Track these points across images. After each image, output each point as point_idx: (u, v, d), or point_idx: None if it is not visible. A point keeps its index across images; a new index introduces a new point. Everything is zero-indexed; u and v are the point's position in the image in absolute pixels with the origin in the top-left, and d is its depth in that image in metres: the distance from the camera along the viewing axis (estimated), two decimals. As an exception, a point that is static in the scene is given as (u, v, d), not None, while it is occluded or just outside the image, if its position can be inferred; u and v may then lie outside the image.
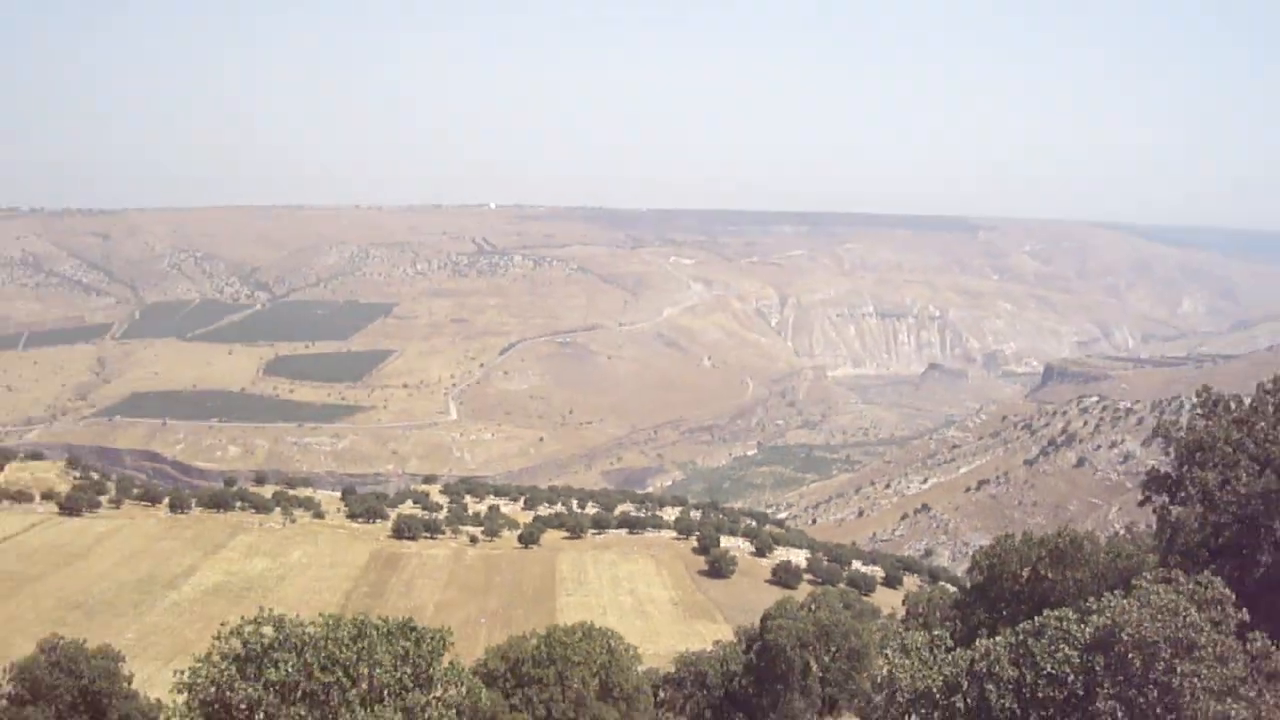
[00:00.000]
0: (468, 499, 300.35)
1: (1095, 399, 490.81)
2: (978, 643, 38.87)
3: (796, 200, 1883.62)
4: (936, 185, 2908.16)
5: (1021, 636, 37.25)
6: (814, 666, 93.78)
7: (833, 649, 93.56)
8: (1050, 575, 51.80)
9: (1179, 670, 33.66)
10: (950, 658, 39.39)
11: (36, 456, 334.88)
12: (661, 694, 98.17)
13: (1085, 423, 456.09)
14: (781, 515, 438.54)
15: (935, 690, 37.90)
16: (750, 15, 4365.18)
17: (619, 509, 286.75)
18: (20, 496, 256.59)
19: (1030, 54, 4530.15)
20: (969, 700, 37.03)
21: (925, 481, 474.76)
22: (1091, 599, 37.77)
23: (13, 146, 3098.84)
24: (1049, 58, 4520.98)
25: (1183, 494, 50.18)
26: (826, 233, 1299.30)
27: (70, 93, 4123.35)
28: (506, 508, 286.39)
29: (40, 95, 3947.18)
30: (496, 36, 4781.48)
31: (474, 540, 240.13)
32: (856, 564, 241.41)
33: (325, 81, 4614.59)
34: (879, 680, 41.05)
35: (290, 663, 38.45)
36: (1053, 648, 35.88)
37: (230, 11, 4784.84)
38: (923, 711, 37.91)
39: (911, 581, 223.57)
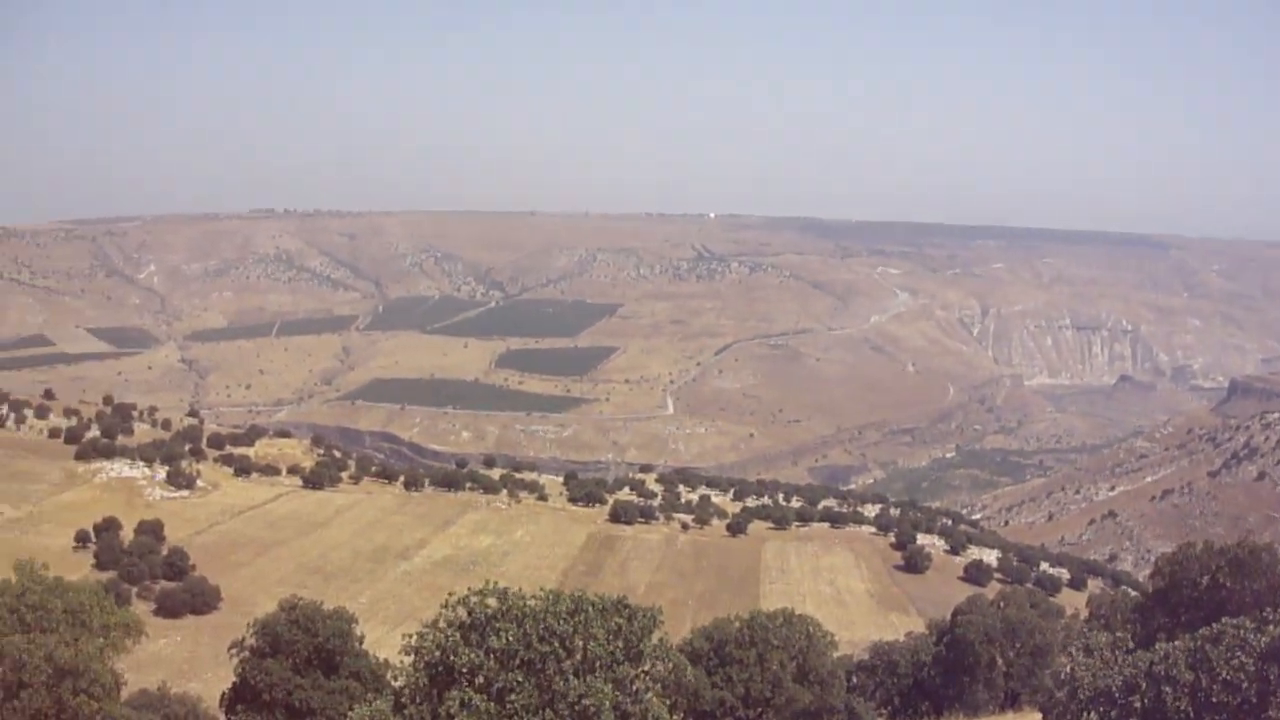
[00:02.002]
0: (681, 488, 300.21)
1: (1277, 415, 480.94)
2: (1157, 646, 38.34)
3: (997, 215, 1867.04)
4: (1130, 204, 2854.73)
5: (1199, 642, 36.67)
6: (999, 661, 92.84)
7: (1018, 645, 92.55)
8: (1229, 584, 50.93)
9: (1354, 683, 33.01)
10: (1130, 659, 38.88)
11: (284, 434, 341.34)
12: (854, 679, 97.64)
13: (1267, 437, 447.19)
14: (975, 516, 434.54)
15: (1114, 689, 37.44)
16: (955, 36, 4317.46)
17: (822, 504, 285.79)
18: (269, 470, 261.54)
19: (1223, 75, 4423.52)
20: (1146, 701, 36.53)
21: (1113, 489, 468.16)
22: (1269, 609, 37.12)
23: (269, 152, 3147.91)
24: (1242, 77, 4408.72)
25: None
26: (1025, 247, 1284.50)
27: (320, 100, 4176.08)
28: (717, 498, 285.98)
29: (294, 104, 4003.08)
30: (717, 54, 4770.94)
31: (685, 527, 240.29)
32: (1044, 565, 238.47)
33: (562, 93, 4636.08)
34: (1061, 677, 40.55)
35: (511, 632, 38.69)
36: (1229, 655, 35.29)
37: (468, 25, 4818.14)
38: (1101, 709, 37.44)
39: (1095, 584, 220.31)
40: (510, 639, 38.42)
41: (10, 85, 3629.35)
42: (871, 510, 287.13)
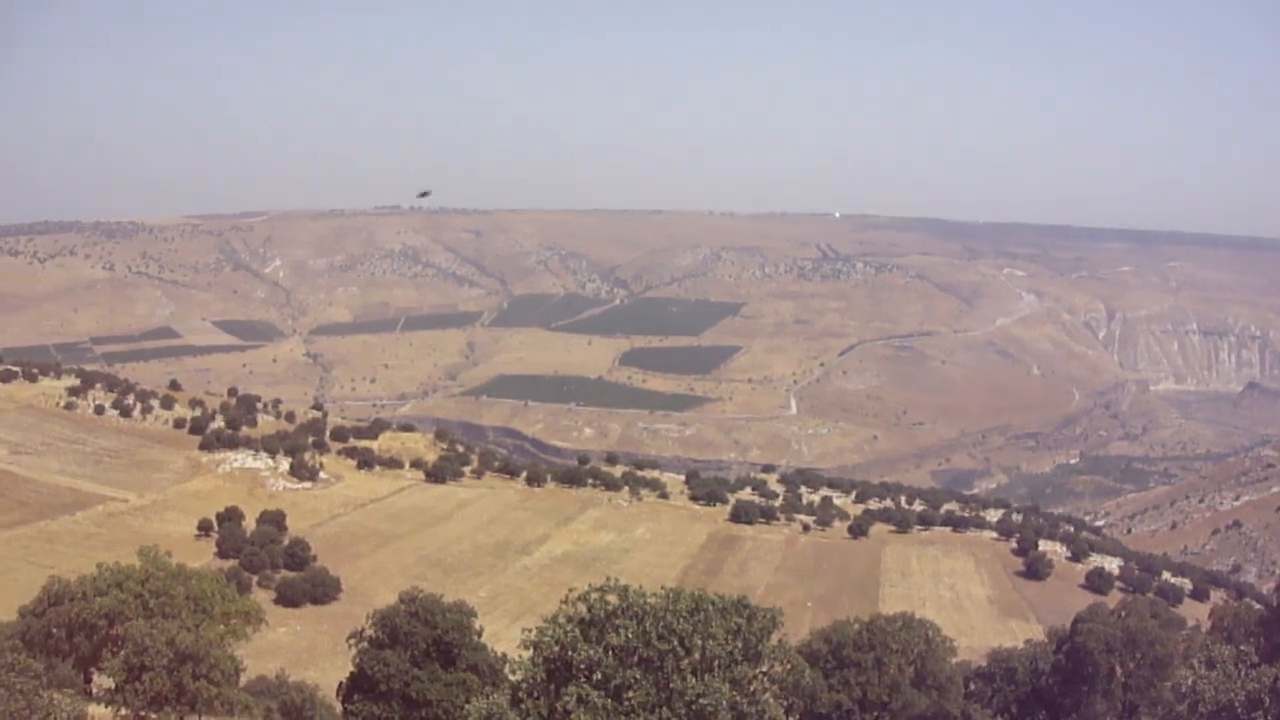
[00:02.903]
0: (803, 489, 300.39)
1: None
2: (1282, 661, 37.62)
3: (1124, 218, 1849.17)
4: (1261, 207, 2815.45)
5: (1326, 656, 35.95)
6: (1119, 671, 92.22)
7: (1138, 656, 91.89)
8: (1359, 598, 50.01)
9: None
10: (1254, 674, 38.24)
11: (408, 428, 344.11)
12: (971, 686, 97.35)
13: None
14: (1098, 523, 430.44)
15: (1237, 704, 36.83)
16: (1083, 38, 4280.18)
17: (944, 507, 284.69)
18: (392, 463, 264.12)
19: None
20: (1270, 717, 35.87)
21: (1238, 498, 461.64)
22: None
23: (396, 150, 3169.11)
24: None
25: None
26: (1152, 250, 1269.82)
27: (448, 100, 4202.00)
28: (838, 499, 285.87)
29: (421, 103, 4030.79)
30: (849, 55, 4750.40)
31: (806, 528, 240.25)
32: (1166, 575, 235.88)
33: (690, 94, 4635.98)
34: (1182, 690, 39.94)
35: (630, 629, 38.70)
36: (1356, 671, 34.54)
37: (596, 27, 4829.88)
38: (1223, 725, 36.78)
39: (1218, 596, 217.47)
40: (629, 636, 38.44)
41: (140, 84, 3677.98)
42: (994, 515, 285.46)
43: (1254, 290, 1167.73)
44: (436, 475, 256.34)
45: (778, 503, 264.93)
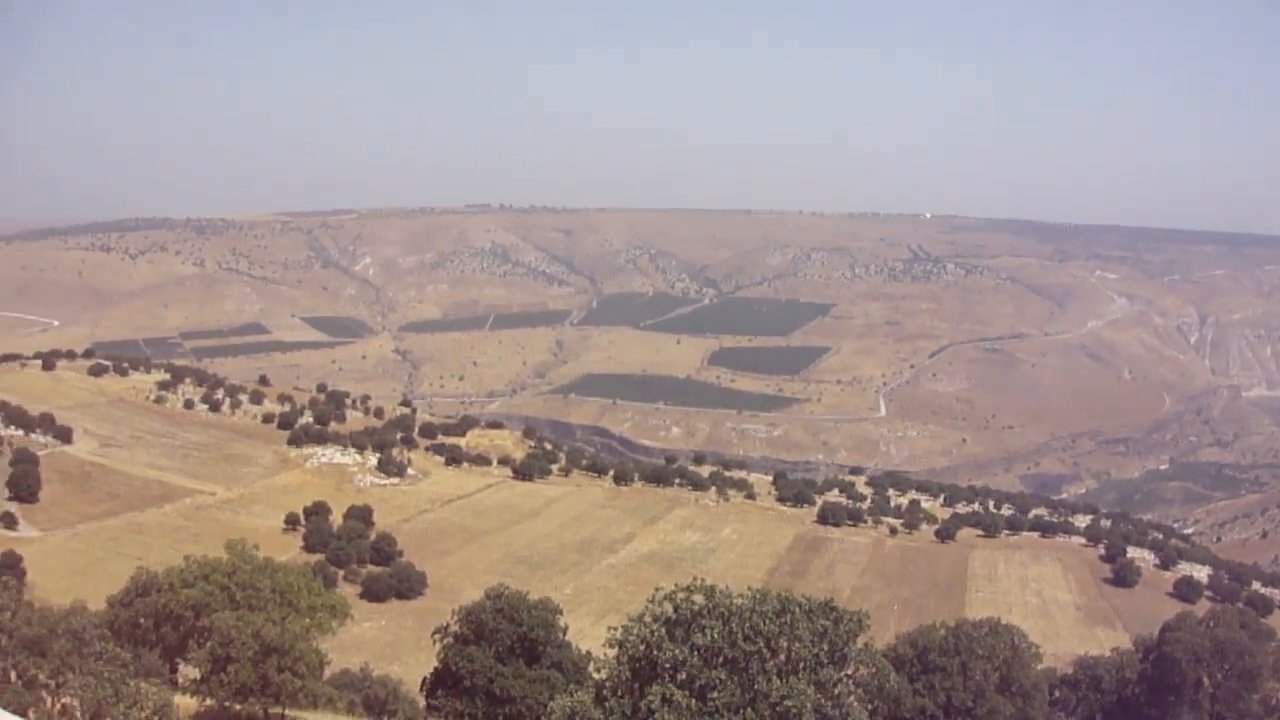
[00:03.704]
0: (890, 491, 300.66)
1: None
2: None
3: (1218, 220, 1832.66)
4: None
5: None
6: (1206, 682, 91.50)
7: (1226, 667, 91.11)
8: None
9: None
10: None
11: (496, 425, 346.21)
12: (1056, 693, 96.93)
13: None
14: (1187, 530, 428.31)
15: (1328, 718, 36.49)
16: (1175, 41, 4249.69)
17: (1032, 512, 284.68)
18: (479, 460, 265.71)
19: None
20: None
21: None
22: None
23: (489, 149, 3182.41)
24: None
25: None
26: (1246, 254, 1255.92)
27: (541, 98, 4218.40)
28: (926, 503, 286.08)
29: (513, 100, 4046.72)
30: (933, 54, 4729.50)
31: (893, 531, 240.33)
32: (1256, 584, 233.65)
33: (780, 93, 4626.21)
34: (1272, 703, 39.65)
35: (716, 629, 38.68)
36: None
37: (680, 28, 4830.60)
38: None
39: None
40: (715, 636, 38.45)
41: (235, 82, 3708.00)
42: (1082, 521, 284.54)
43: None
44: (523, 472, 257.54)
45: (865, 505, 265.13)
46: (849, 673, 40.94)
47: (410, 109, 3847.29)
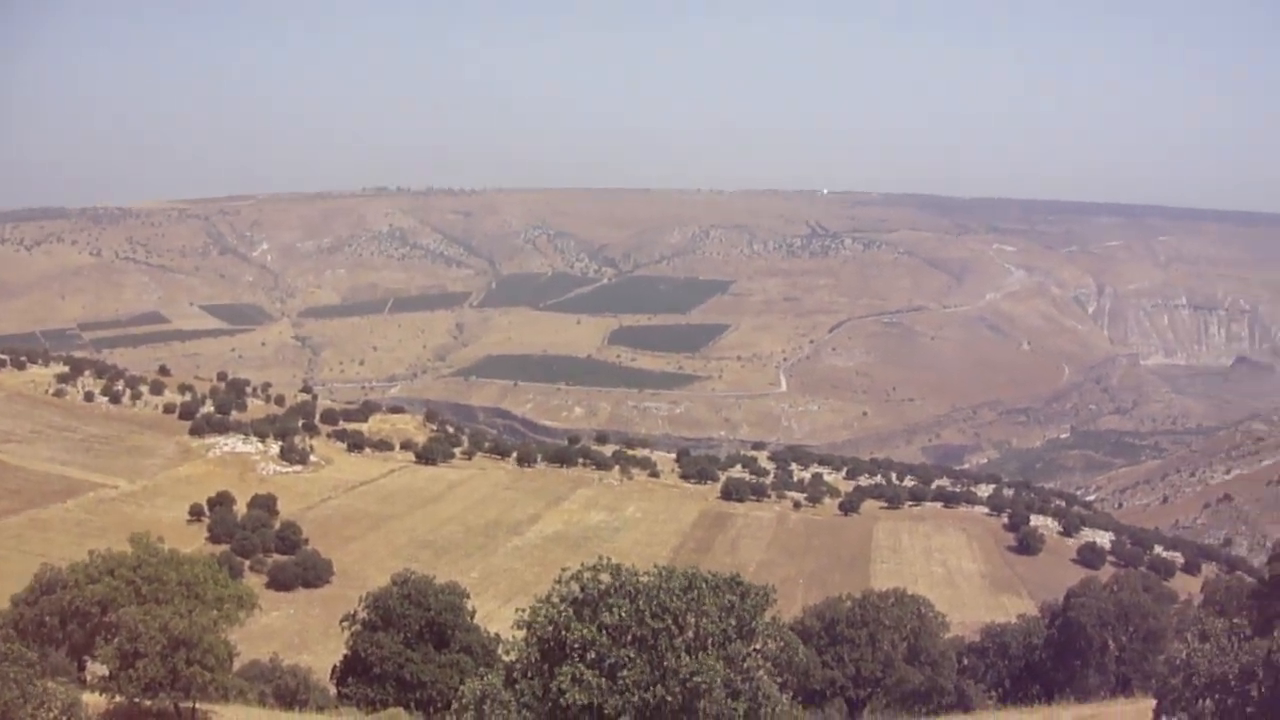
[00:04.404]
0: (793, 466, 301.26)
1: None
2: (1275, 633, 37.84)
3: (1114, 192, 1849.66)
4: (1249, 181, 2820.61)
5: (1319, 631, 36.13)
6: (1112, 645, 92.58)
7: (1131, 630, 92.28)
8: (1350, 569, 50.28)
9: None
10: (1247, 646, 38.42)
11: (398, 410, 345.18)
12: (965, 661, 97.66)
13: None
14: (1089, 498, 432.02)
15: (1231, 677, 37.02)
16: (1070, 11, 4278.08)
17: (935, 483, 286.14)
18: (382, 445, 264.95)
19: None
20: (1263, 689, 36.11)
21: (1229, 472, 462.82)
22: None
23: (382, 130, 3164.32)
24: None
25: None
26: (1142, 225, 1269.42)
27: (437, 80, 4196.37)
28: (829, 476, 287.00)
29: (410, 82, 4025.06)
30: (835, 27, 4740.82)
31: (797, 505, 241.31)
32: (1158, 549, 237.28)
33: (675, 68, 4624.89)
34: (1176, 663, 40.12)
35: (624, 608, 38.86)
36: (1352, 642, 34.74)
37: (583, 12, 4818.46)
38: (1217, 697, 37.04)
39: (1210, 569, 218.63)
40: (623, 615, 38.61)
41: (122, 66, 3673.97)
42: (985, 490, 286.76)
43: (1244, 264, 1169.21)
44: (427, 457, 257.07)
45: (768, 480, 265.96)
46: (757, 647, 41.19)
47: (305, 91, 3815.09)
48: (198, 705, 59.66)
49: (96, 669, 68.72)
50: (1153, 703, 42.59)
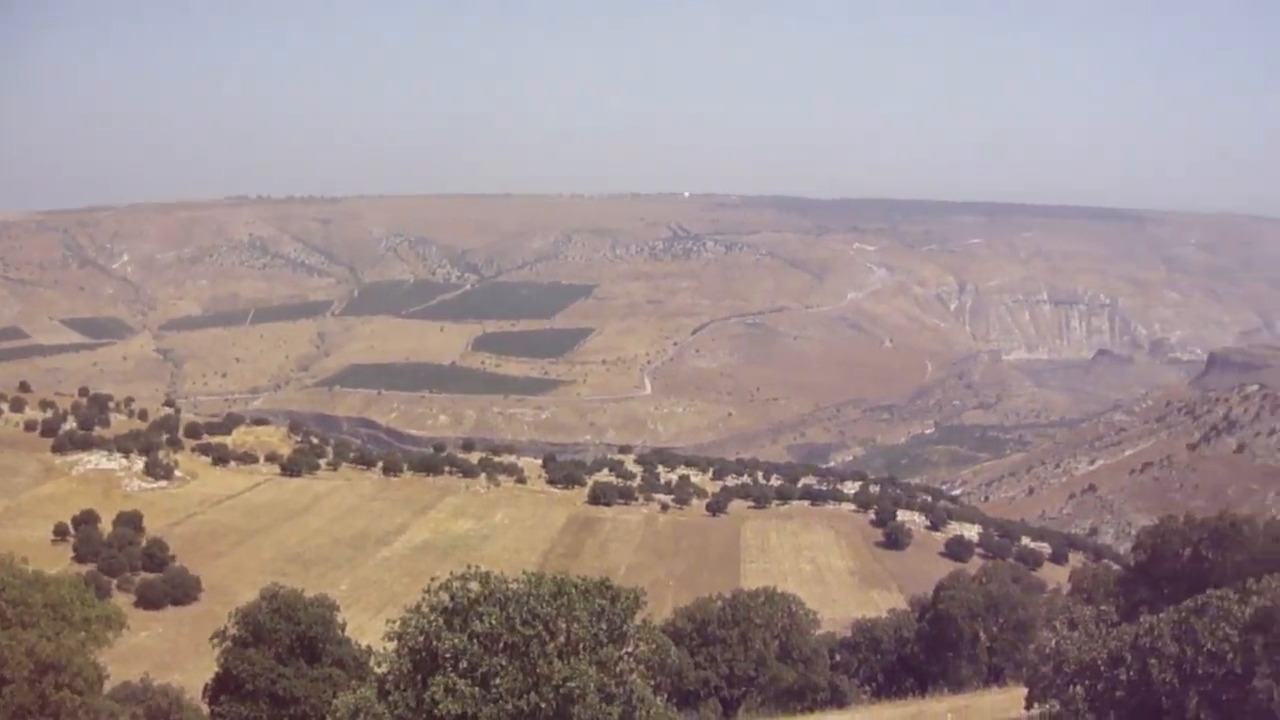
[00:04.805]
0: (660, 468, 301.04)
1: (1256, 387, 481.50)
2: (1141, 619, 38.54)
3: (974, 191, 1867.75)
4: (1108, 179, 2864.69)
5: (1184, 614, 36.86)
6: (983, 636, 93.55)
7: (1001, 620, 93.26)
8: (1211, 556, 51.26)
9: (1337, 652, 33.22)
10: (1114, 632, 39.08)
11: (261, 422, 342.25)
12: (837, 657, 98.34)
13: (1246, 410, 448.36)
14: (955, 491, 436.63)
15: (1100, 663, 37.64)
16: (931, 12, 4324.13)
17: (801, 481, 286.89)
18: (246, 458, 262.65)
19: (1198, 54, 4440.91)
20: (1131, 673, 36.72)
21: (1092, 462, 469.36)
22: (1251, 581, 37.30)
23: (240, 138, 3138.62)
24: (1218, 57, 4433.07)
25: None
26: (1003, 222, 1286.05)
27: (297, 86, 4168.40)
28: (696, 477, 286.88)
29: (270, 89, 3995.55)
30: (694, 32, 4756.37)
31: (665, 507, 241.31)
32: (1025, 540, 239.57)
33: (535, 74, 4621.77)
34: (1045, 652, 40.73)
35: (494, 616, 38.84)
36: (1214, 626, 35.46)
37: (442, 9, 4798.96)
38: (1087, 682, 37.64)
39: (1077, 558, 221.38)
40: (493, 623, 38.59)
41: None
42: (851, 487, 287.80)
43: (1103, 259, 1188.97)
44: (292, 469, 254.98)
45: (635, 483, 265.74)
46: (629, 650, 41.34)
47: (164, 98, 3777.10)
48: (68, 729, 59.13)
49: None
50: (1024, 691, 43.18)
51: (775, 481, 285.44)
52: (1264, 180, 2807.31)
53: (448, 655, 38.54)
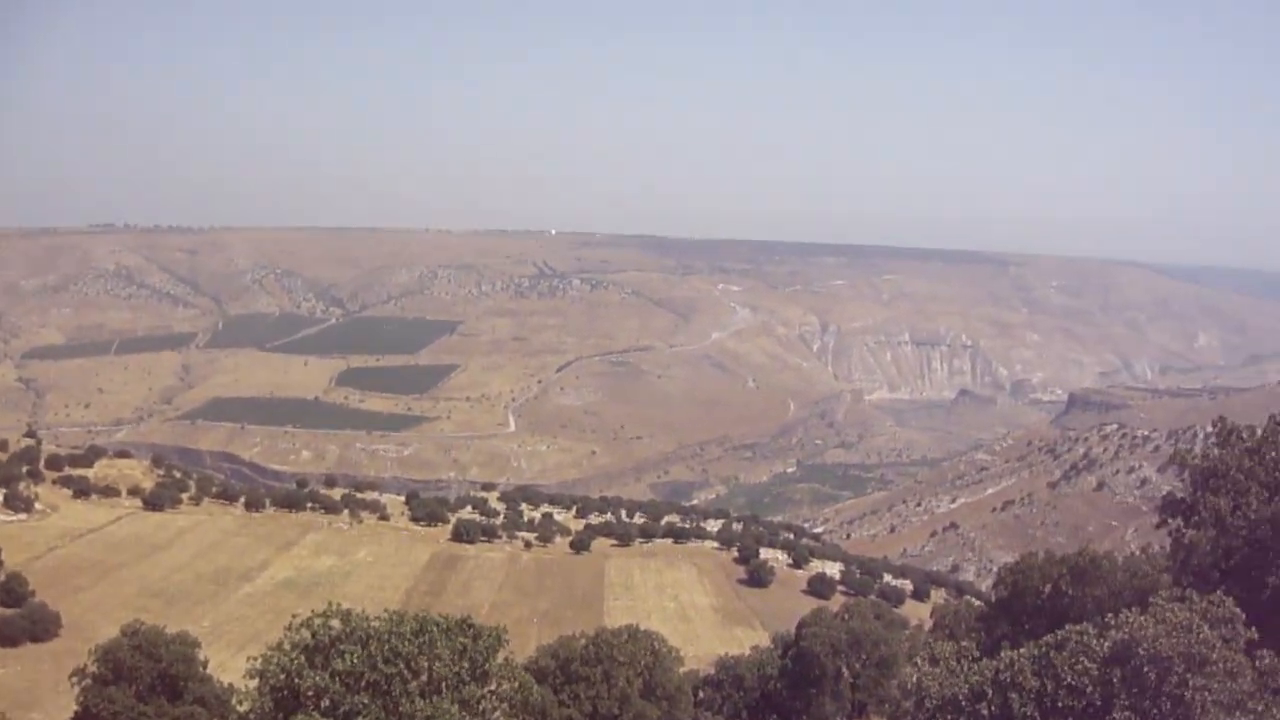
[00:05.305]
0: (524, 506, 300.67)
1: (1115, 426, 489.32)
2: (1002, 654, 38.86)
3: (838, 233, 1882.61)
4: (970, 223, 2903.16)
5: (1044, 649, 37.24)
6: (846, 673, 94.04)
7: (864, 656, 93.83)
8: (1070, 591, 51.82)
9: (1191, 684, 33.64)
10: (976, 668, 39.37)
11: (124, 455, 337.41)
12: (701, 694, 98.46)
13: (1105, 449, 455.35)
14: (818, 530, 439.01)
15: (961, 698, 37.91)
16: (791, 58, 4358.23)
17: (665, 519, 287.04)
18: (108, 491, 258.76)
19: (1057, 103, 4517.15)
20: (993, 708, 37.02)
21: (954, 501, 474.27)
22: (1110, 615, 37.73)
23: (105, 164, 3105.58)
24: (1077, 104, 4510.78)
25: (1196, 518, 50.28)
26: (866, 264, 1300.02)
27: (165, 115, 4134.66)
28: (560, 515, 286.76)
29: (136, 117, 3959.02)
30: (556, 71, 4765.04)
31: (528, 545, 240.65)
32: (887, 577, 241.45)
33: (401, 108, 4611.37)
34: (908, 687, 40.99)
35: (356, 654, 38.66)
36: (1073, 660, 35.86)
37: (308, 38, 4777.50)
38: (948, 718, 37.89)
39: (939, 595, 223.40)
40: (355, 661, 38.40)
41: None
42: (714, 525, 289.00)
43: (963, 301, 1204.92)
44: (154, 503, 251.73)
45: (499, 521, 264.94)
46: (492, 688, 41.28)
47: (28, 124, 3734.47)
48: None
49: None
50: (888, 727, 43.55)
51: (639, 519, 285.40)
52: (1121, 227, 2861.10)
53: (309, 694, 38.31)
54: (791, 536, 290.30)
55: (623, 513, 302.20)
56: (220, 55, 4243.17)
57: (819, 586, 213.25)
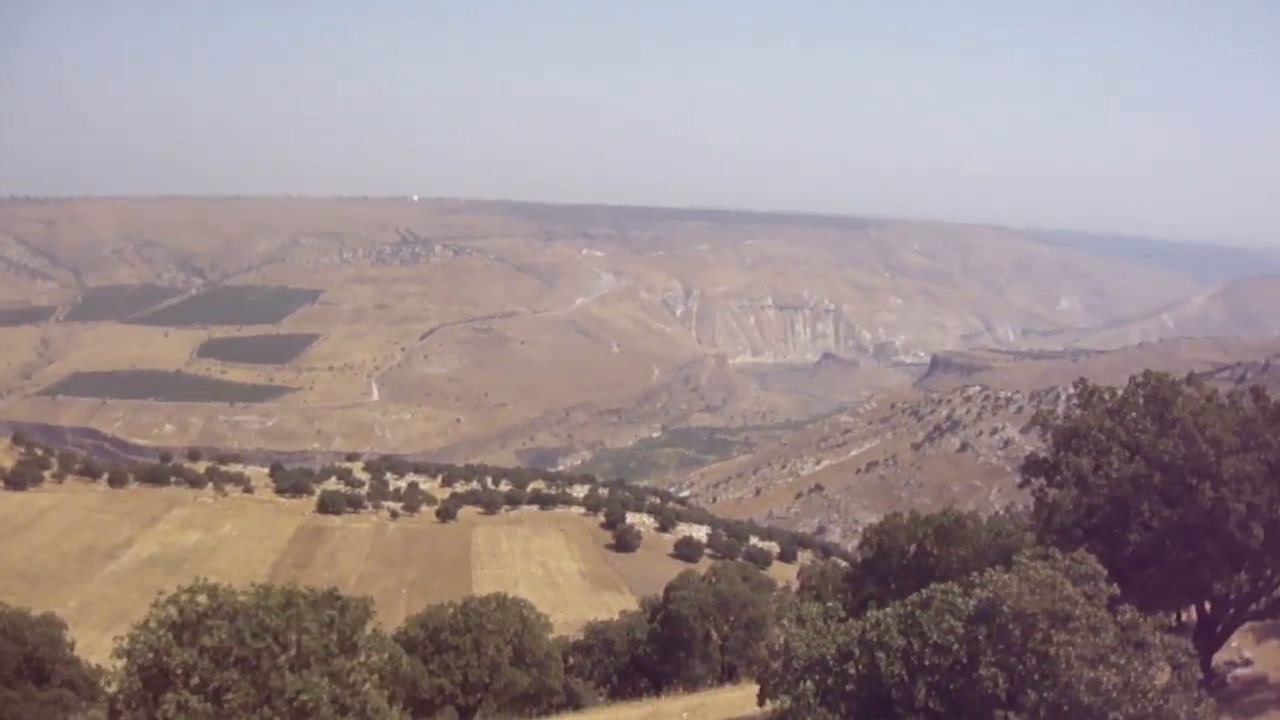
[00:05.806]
0: (389, 476, 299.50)
1: (978, 388, 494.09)
2: (868, 614, 39.11)
3: (702, 198, 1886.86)
4: (831, 185, 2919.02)
5: (910, 608, 37.51)
6: (714, 635, 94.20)
7: (731, 619, 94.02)
8: (935, 551, 52.12)
9: (1055, 640, 33.99)
10: (843, 628, 39.61)
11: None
12: (571, 660, 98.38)
13: (968, 410, 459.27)
14: (684, 494, 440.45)
15: (829, 658, 38.12)
16: (661, 21, 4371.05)
17: (531, 486, 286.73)
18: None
19: (918, 61, 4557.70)
20: (860, 667, 37.25)
21: (819, 463, 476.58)
22: (974, 574, 38.07)
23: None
24: (938, 65, 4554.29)
25: (1059, 478, 50.79)
26: (730, 229, 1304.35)
27: (12, 79, 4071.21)
28: (425, 484, 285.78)
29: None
30: (427, 33, 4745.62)
31: (394, 515, 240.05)
32: (754, 539, 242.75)
33: (258, 70, 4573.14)
34: (775, 648, 41.14)
35: (223, 630, 38.26)
36: (939, 619, 36.14)
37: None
38: (816, 678, 38.09)
39: (805, 556, 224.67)
40: (223, 637, 38.02)
41: None
42: (580, 491, 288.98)
43: (826, 265, 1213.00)
44: (15, 482, 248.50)
45: (364, 491, 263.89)
46: (361, 660, 41.10)
47: None
48: None
49: None
50: (756, 688, 43.65)
51: (505, 487, 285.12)
52: (980, 188, 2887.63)
53: (178, 671, 37.90)
54: (658, 500, 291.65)
55: (489, 480, 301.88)
56: (72, 24, 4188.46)
57: (686, 550, 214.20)
